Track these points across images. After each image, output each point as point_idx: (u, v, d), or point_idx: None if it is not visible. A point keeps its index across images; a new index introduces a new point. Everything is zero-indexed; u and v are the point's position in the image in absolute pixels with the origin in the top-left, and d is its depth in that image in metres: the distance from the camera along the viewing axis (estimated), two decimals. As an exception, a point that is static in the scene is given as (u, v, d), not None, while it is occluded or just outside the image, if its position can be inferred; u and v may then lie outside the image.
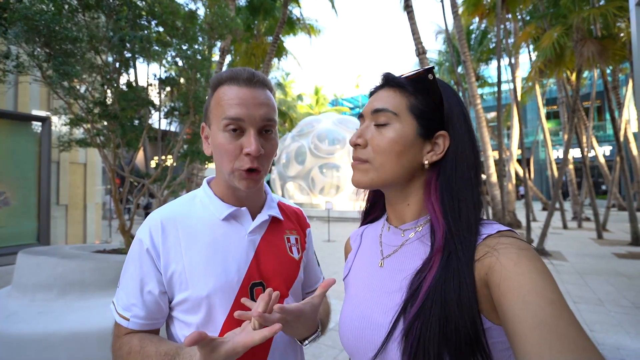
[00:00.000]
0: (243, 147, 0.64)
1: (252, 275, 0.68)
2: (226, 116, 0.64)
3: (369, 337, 0.53)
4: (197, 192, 0.75)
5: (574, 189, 12.33)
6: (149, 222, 0.67)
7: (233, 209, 0.70)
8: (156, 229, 0.65)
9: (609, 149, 21.47)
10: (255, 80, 0.66)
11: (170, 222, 0.67)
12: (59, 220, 6.10)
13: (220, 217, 0.69)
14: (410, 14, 7.46)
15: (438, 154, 0.56)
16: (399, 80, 0.57)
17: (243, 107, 0.64)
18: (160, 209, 0.70)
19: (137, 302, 0.64)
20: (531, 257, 0.44)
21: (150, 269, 0.64)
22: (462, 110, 0.57)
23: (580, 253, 6.73)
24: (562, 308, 0.39)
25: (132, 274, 0.65)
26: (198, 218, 0.69)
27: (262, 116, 0.65)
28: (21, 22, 2.30)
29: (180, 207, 0.71)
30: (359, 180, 0.58)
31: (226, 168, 0.66)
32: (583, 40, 6.68)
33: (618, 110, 10.26)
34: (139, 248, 0.65)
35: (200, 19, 3.98)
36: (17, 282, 2.49)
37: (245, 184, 0.66)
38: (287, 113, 23.33)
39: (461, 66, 12.13)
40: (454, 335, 0.44)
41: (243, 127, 0.64)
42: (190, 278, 0.64)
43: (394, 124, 0.55)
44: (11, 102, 5.47)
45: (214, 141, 0.67)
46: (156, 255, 0.64)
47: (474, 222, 0.51)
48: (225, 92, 0.65)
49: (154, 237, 0.65)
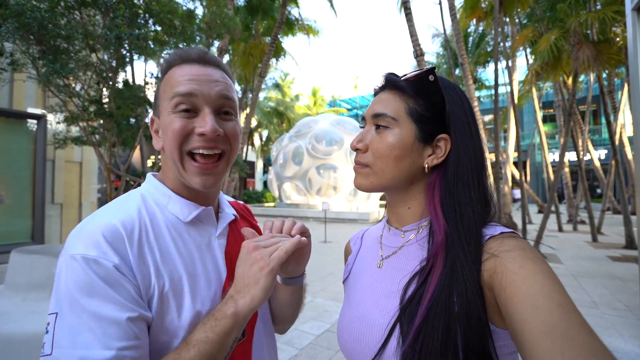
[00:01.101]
0: (195, 127, 0.54)
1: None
2: (175, 92, 0.53)
3: (367, 339, 0.52)
4: (140, 192, 0.59)
5: (570, 192, 12.41)
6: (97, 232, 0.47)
7: (201, 209, 0.59)
8: (117, 237, 0.48)
9: (604, 153, 21.64)
10: (207, 59, 0.58)
11: (135, 228, 0.51)
12: (54, 219, 6.04)
13: (184, 219, 0.57)
14: (408, 16, 7.48)
15: (439, 158, 0.55)
16: (399, 83, 0.56)
17: (195, 82, 0.54)
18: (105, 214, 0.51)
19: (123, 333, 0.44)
20: (536, 260, 0.43)
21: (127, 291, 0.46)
22: (466, 112, 0.56)
23: (575, 256, 6.77)
24: (571, 311, 0.38)
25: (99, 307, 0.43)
26: (158, 221, 0.55)
27: (218, 92, 0.55)
28: (13, 19, 2.28)
29: (134, 208, 0.54)
30: (360, 184, 0.59)
31: (172, 152, 0.54)
32: (579, 44, 6.73)
33: (613, 114, 10.34)
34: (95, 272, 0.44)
35: (198, 18, 3.96)
36: (10, 281, 2.46)
37: (200, 181, 0.55)
38: (285, 113, 23.31)
39: (459, 69, 12.19)
40: (460, 345, 0.43)
41: (196, 106, 0.54)
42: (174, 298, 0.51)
43: (393, 128, 0.55)
44: (6, 99, 5.42)
45: (163, 128, 0.55)
46: (128, 270, 0.47)
47: (475, 226, 0.50)
48: (176, 72, 0.56)
49: (117, 248, 0.47)
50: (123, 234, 0.49)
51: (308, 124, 16.90)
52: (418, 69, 0.56)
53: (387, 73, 0.60)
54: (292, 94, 26.82)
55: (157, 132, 0.59)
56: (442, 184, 0.54)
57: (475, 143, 0.55)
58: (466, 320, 0.44)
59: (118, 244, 0.48)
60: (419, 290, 0.49)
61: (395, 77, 0.58)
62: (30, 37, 2.47)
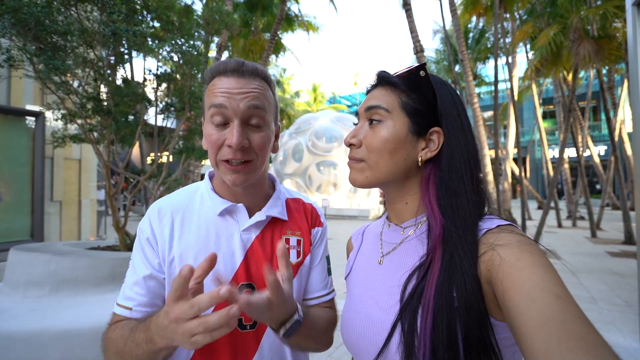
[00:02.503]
0: (226, 138, 0.62)
1: (241, 277, 0.65)
2: (211, 104, 0.62)
3: (369, 335, 0.53)
4: (199, 185, 0.74)
5: (569, 188, 12.43)
6: (149, 210, 0.68)
7: (228, 205, 0.68)
8: (154, 216, 0.67)
9: (603, 149, 21.65)
10: (242, 70, 0.64)
11: (166, 211, 0.68)
12: (53, 217, 6.04)
13: (216, 212, 0.68)
14: (408, 12, 7.44)
15: (432, 151, 0.55)
16: (392, 79, 0.57)
17: (226, 96, 0.61)
18: (162, 198, 0.71)
19: (139, 289, 0.63)
20: (533, 252, 0.43)
21: (151, 256, 0.65)
22: (457, 106, 0.57)
23: (574, 251, 6.79)
24: (568, 303, 0.38)
25: (135, 264, 0.66)
26: (195, 211, 0.69)
27: (246, 105, 0.61)
28: (9, 15, 2.26)
29: (180, 197, 0.71)
30: (355, 179, 0.59)
31: (211, 160, 0.65)
32: (579, 39, 6.70)
33: (613, 110, 10.33)
34: (139, 238, 0.67)
35: (196, 14, 3.93)
36: (9, 279, 2.46)
37: (231, 179, 0.63)
38: (285, 110, 23.27)
39: (459, 65, 12.14)
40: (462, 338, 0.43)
41: (228, 118, 0.62)
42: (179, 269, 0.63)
43: (387, 121, 0.56)
44: (4, 96, 5.39)
45: (204, 134, 0.66)
46: (154, 242, 0.65)
47: (471, 219, 0.50)
48: (215, 83, 0.64)
49: (152, 225, 0.66)
50: (157, 215, 0.67)
51: (308, 121, 16.87)
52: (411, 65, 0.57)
53: (379, 71, 0.60)
54: (292, 91, 26.76)
55: None
56: (436, 177, 0.54)
57: (467, 137, 0.56)
58: (466, 312, 0.44)
59: (153, 221, 0.67)
60: (420, 285, 0.49)
61: (387, 74, 0.59)
62: (27, 33, 2.45)
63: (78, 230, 6.47)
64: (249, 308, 0.45)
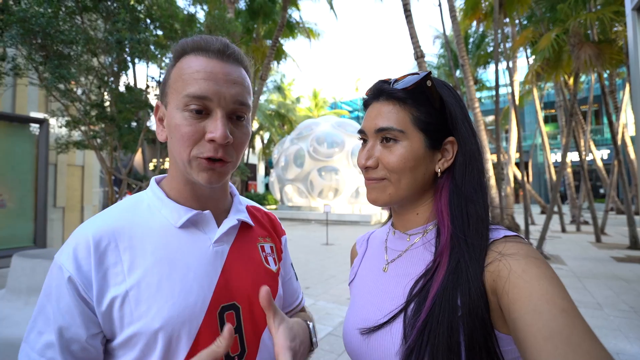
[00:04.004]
0: (206, 131, 0.51)
1: (221, 297, 0.54)
2: (188, 93, 0.50)
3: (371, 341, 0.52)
4: (142, 195, 0.59)
5: (572, 193, 12.35)
6: (73, 241, 0.50)
7: (193, 213, 0.56)
8: (84, 248, 0.49)
9: (606, 153, 21.54)
10: (229, 53, 0.53)
11: (105, 238, 0.50)
12: (56, 223, 6.06)
13: (176, 223, 0.55)
14: (408, 18, 7.50)
15: (449, 160, 0.56)
16: (397, 94, 0.55)
17: (211, 82, 0.50)
18: (89, 222, 0.53)
19: (55, 352, 0.47)
20: (539, 264, 0.43)
21: (75, 305, 0.48)
22: (463, 111, 0.57)
23: (578, 257, 6.72)
24: (574, 316, 0.37)
25: (48, 316, 0.48)
26: (145, 227, 0.54)
27: (234, 97, 0.52)
28: (17, 25, 2.30)
29: (117, 215, 0.54)
30: (377, 198, 0.56)
31: (182, 156, 0.52)
32: (580, 44, 6.72)
33: (615, 114, 10.31)
34: (57, 278, 0.49)
35: (199, 23, 3.98)
36: (11, 285, 2.47)
37: (206, 177, 0.52)
38: (286, 116, 23.36)
39: (459, 70, 12.18)
40: (463, 344, 0.43)
41: (209, 108, 0.51)
42: (137, 307, 0.48)
43: (402, 141, 0.54)
44: (9, 103, 5.45)
45: (169, 123, 0.53)
46: (85, 284, 0.48)
47: (483, 227, 0.50)
48: (191, 63, 0.52)
49: (80, 260, 0.48)
50: (91, 245, 0.49)
51: (309, 126, 16.92)
52: (410, 73, 0.55)
53: (378, 82, 0.58)
54: (293, 97, 26.90)
55: (162, 120, 0.56)
56: (450, 184, 0.54)
57: (474, 141, 0.56)
58: (469, 318, 0.44)
59: (83, 255, 0.49)
60: (424, 288, 0.49)
61: (388, 85, 0.56)
62: (34, 42, 2.49)
63: (80, 237, 6.48)
64: None
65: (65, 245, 0.51)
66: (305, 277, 5.20)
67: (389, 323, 0.50)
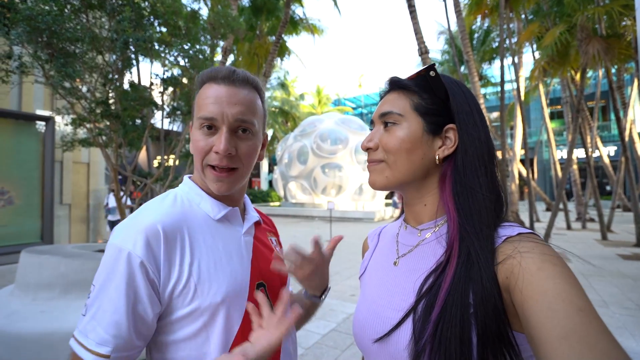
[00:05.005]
0: (214, 144, 0.63)
1: (254, 277, 0.67)
2: (200, 115, 0.63)
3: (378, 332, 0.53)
4: (177, 192, 0.68)
5: (578, 190, 12.24)
6: (140, 229, 0.56)
7: (228, 209, 0.68)
8: (155, 237, 0.56)
9: (613, 149, 21.30)
10: (233, 78, 0.64)
11: (172, 228, 0.58)
12: (62, 219, 6.14)
13: (215, 217, 0.66)
14: (412, 13, 7.44)
15: (449, 148, 0.56)
16: (402, 82, 0.58)
17: (216, 105, 0.62)
18: (150, 213, 0.59)
19: (122, 330, 0.53)
20: (555, 262, 0.42)
21: (144, 287, 0.54)
22: (469, 102, 0.57)
23: (584, 254, 6.68)
24: (591, 316, 0.37)
25: (117, 296, 0.53)
26: (194, 219, 0.64)
27: (235, 115, 0.63)
28: (24, 23, 2.31)
29: (171, 209, 0.62)
30: (375, 181, 0.59)
31: (197, 165, 0.65)
32: (588, 38, 6.63)
33: (623, 110, 10.16)
34: (126, 263, 0.54)
35: (202, 19, 3.98)
36: (20, 281, 2.51)
37: (217, 187, 0.64)
38: (290, 112, 23.35)
39: (464, 66, 12.08)
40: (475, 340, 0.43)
41: (216, 126, 0.63)
42: (200, 286, 0.58)
43: (401, 123, 0.56)
44: (15, 101, 5.51)
45: (192, 139, 0.66)
46: (154, 268, 0.55)
47: (487, 214, 0.50)
48: (205, 91, 0.64)
49: (152, 247, 0.55)
50: (160, 235, 0.56)
51: (313, 123, 16.90)
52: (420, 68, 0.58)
53: (390, 77, 0.62)
54: (297, 93, 26.86)
55: None
56: (453, 173, 0.55)
57: (481, 132, 0.56)
58: (483, 308, 0.43)
59: (155, 243, 0.56)
60: (437, 282, 0.49)
61: (398, 78, 0.60)
62: (40, 40, 2.50)
63: (87, 233, 6.56)
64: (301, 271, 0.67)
65: (127, 233, 0.56)
66: (309, 274, 5.21)
67: (401, 322, 0.50)
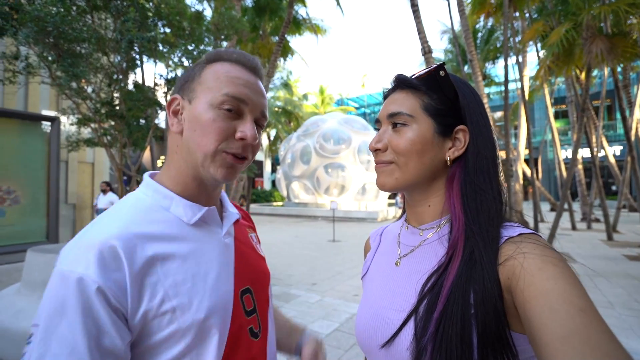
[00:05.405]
0: (237, 130, 0.56)
1: (239, 283, 0.59)
2: (228, 92, 0.55)
3: (382, 335, 0.52)
4: (139, 195, 0.57)
5: (583, 190, 12.13)
6: (91, 248, 0.45)
7: (204, 210, 0.57)
8: (111, 254, 0.45)
9: (619, 149, 21.08)
10: (257, 71, 0.61)
11: (132, 241, 0.48)
12: (68, 219, 6.19)
13: (189, 221, 0.56)
14: (416, 12, 7.41)
15: (460, 149, 0.55)
16: (411, 82, 0.57)
17: (248, 89, 0.57)
18: (102, 227, 0.49)
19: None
20: (557, 263, 0.42)
21: (107, 315, 0.44)
22: (478, 104, 0.57)
23: (589, 255, 6.62)
24: (593, 317, 0.36)
25: (72, 334, 0.42)
26: (162, 226, 0.53)
27: (261, 107, 0.60)
28: (31, 24, 2.34)
29: (131, 217, 0.52)
30: (384, 182, 0.58)
31: (207, 148, 0.54)
32: (592, 37, 6.57)
33: (629, 109, 10.05)
34: (78, 290, 0.43)
35: (206, 20, 4.00)
36: (26, 279, 2.53)
37: (225, 173, 0.56)
38: (293, 112, 23.35)
39: (467, 65, 12.02)
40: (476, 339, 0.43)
41: (241, 111, 0.56)
42: (179, 302, 0.49)
43: (411, 125, 0.55)
44: (21, 102, 5.56)
45: (195, 117, 0.55)
46: (117, 293, 0.45)
47: (495, 216, 0.50)
48: (230, 69, 0.57)
49: (110, 268, 0.45)
50: (118, 252, 0.46)
51: (316, 123, 16.90)
52: (427, 67, 0.56)
53: (397, 74, 0.60)
54: (300, 93, 26.86)
55: (178, 113, 0.58)
56: (462, 174, 0.54)
57: (489, 134, 0.56)
58: (483, 308, 0.43)
59: (112, 263, 0.45)
60: (438, 281, 0.49)
61: (406, 77, 0.58)
62: (46, 41, 2.53)
63: (91, 232, 6.61)
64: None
65: (75, 254, 0.45)
66: (312, 274, 5.22)
67: (404, 324, 0.50)
